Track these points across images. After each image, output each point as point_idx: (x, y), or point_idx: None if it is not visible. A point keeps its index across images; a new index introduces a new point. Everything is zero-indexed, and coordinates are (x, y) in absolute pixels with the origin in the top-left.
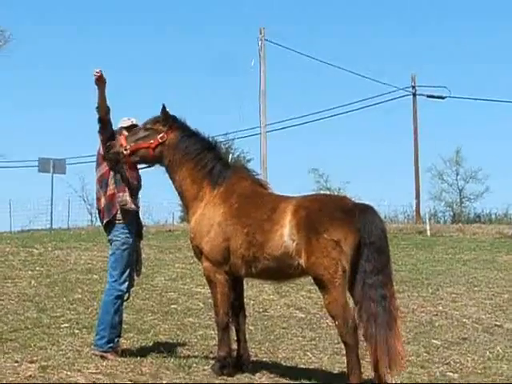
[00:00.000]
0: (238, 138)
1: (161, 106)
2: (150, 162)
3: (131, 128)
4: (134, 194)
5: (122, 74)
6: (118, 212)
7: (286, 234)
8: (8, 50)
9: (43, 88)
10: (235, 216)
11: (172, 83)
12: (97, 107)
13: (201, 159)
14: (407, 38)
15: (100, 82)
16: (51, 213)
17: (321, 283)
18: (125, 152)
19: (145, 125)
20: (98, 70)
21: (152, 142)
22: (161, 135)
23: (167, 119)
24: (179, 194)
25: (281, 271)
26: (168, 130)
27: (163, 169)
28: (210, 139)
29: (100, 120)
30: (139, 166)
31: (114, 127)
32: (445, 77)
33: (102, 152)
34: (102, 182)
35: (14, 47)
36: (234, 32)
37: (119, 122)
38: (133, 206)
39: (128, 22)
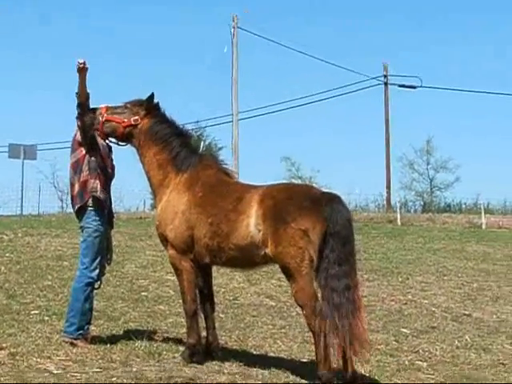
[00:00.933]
0: (209, 126)
1: (150, 94)
2: (119, 138)
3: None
4: (107, 183)
5: (94, 58)
6: (91, 199)
7: (252, 224)
8: None
9: (14, 71)
10: (199, 205)
11: (145, 69)
12: (76, 92)
13: (167, 144)
14: (379, 26)
15: (82, 70)
16: (21, 199)
17: (288, 272)
18: (100, 118)
19: (127, 103)
20: (81, 61)
21: (125, 120)
22: (135, 118)
23: (149, 106)
24: (148, 179)
25: (246, 260)
26: (144, 116)
27: (135, 153)
28: (181, 126)
29: (79, 105)
30: (112, 143)
31: None
32: (417, 66)
33: (77, 138)
34: (77, 168)
35: None
36: (207, 18)
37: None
38: (102, 194)
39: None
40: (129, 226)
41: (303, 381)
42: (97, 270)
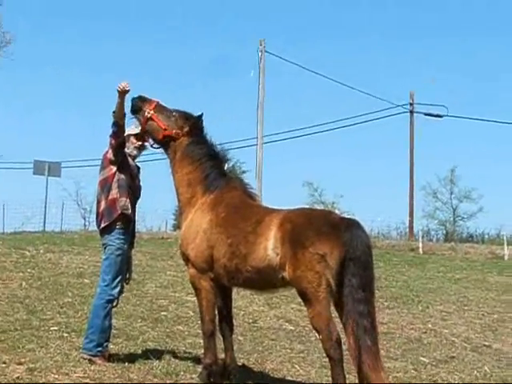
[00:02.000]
0: (233, 149)
1: (200, 113)
2: (155, 141)
3: (139, 136)
4: (134, 203)
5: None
6: (119, 217)
7: (269, 248)
8: (9, 53)
9: (40, 90)
10: (221, 225)
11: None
12: (113, 111)
13: (200, 164)
14: (407, 54)
15: (123, 92)
16: (44, 215)
17: (305, 297)
18: (147, 114)
19: (175, 111)
20: (124, 85)
21: (166, 128)
22: (175, 131)
23: (195, 125)
24: (177, 195)
25: (264, 283)
26: (186, 133)
27: (159, 177)
28: (218, 148)
29: (115, 124)
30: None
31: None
32: (443, 95)
33: (109, 156)
34: (105, 186)
35: (15, 49)
36: (234, 41)
37: (126, 130)
38: (132, 213)
39: (129, 23)
40: (150, 245)
41: None
42: (118, 288)
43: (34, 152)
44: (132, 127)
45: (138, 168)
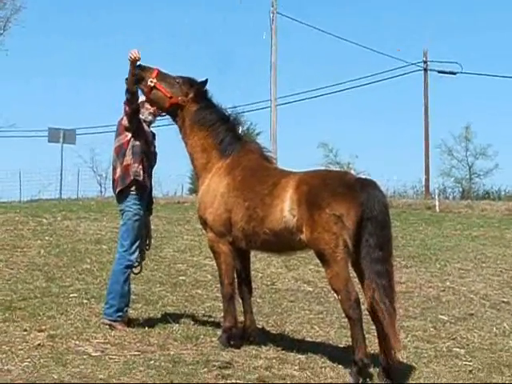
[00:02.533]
0: (247, 112)
1: (204, 79)
2: (162, 110)
3: None
4: (149, 169)
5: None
6: (132, 182)
7: (286, 210)
8: (20, 20)
9: (54, 57)
10: (238, 189)
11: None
12: (126, 79)
13: (213, 130)
14: (420, 12)
15: (134, 61)
16: (60, 183)
17: (323, 258)
18: (149, 83)
19: (178, 77)
20: (135, 53)
21: (171, 96)
22: (181, 98)
23: (199, 91)
24: (191, 161)
25: (282, 245)
26: (190, 99)
27: (174, 142)
28: (227, 112)
29: (128, 91)
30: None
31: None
32: (457, 52)
33: (123, 122)
34: (120, 152)
35: (26, 16)
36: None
37: (140, 96)
38: (144, 179)
39: None
40: (167, 210)
41: (340, 366)
42: (136, 253)
43: (49, 120)
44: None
45: (154, 134)
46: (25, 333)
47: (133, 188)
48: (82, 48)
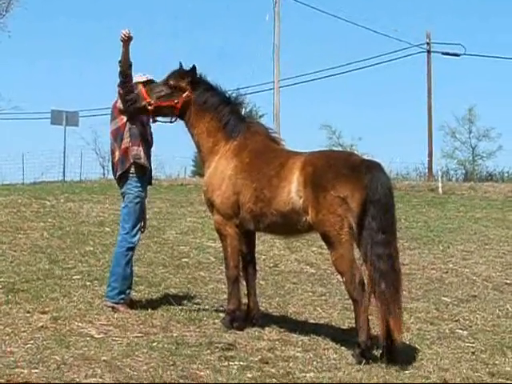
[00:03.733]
0: (250, 93)
1: (192, 66)
2: (173, 117)
3: (147, 83)
4: (148, 150)
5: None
6: (132, 165)
7: (293, 191)
8: (22, 2)
9: (57, 39)
10: (245, 170)
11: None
12: (119, 61)
13: (217, 113)
14: None
15: (126, 41)
16: (63, 165)
17: (328, 240)
18: (149, 107)
19: (167, 81)
20: (126, 32)
21: (177, 101)
22: (186, 93)
23: (193, 79)
24: (197, 148)
25: (288, 227)
26: (192, 89)
27: (176, 124)
28: (228, 94)
29: (121, 73)
30: (157, 120)
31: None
32: (460, 33)
33: (118, 105)
34: (118, 136)
35: None
36: None
37: (134, 77)
38: (146, 161)
39: None
40: (170, 192)
41: (343, 348)
42: (138, 236)
43: (52, 102)
44: (140, 74)
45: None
46: (28, 315)
47: (132, 170)
48: (85, 30)
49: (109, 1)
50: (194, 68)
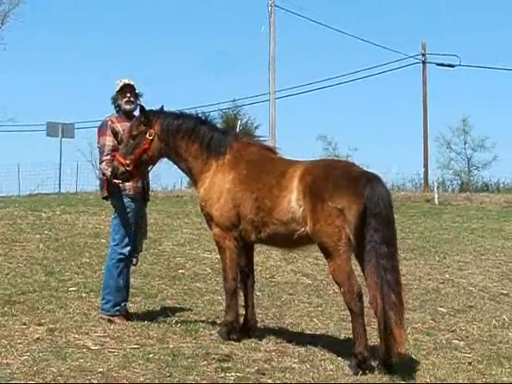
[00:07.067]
0: (246, 105)
1: (140, 107)
2: (154, 161)
3: (124, 88)
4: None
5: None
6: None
7: (293, 200)
8: (20, 14)
9: (53, 51)
10: (244, 182)
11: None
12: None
13: (196, 135)
14: (419, 5)
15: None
16: (59, 177)
17: (325, 251)
18: (128, 168)
19: (130, 133)
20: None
21: (144, 143)
22: (148, 133)
23: (146, 116)
24: (187, 173)
25: (289, 237)
26: (152, 125)
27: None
28: (199, 115)
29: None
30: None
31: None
32: (455, 45)
33: (109, 125)
34: (101, 153)
35: (25, 10)
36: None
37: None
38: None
39: None
40: (166, 204)
41: (339, 359)
42: (128, 247)
43: (48, 114)
44: (116, 82)
45: None
46: (24, 326)
47: (114, 184)
48: (80, 42)
49: (104, 14)
50: (141, 109)
